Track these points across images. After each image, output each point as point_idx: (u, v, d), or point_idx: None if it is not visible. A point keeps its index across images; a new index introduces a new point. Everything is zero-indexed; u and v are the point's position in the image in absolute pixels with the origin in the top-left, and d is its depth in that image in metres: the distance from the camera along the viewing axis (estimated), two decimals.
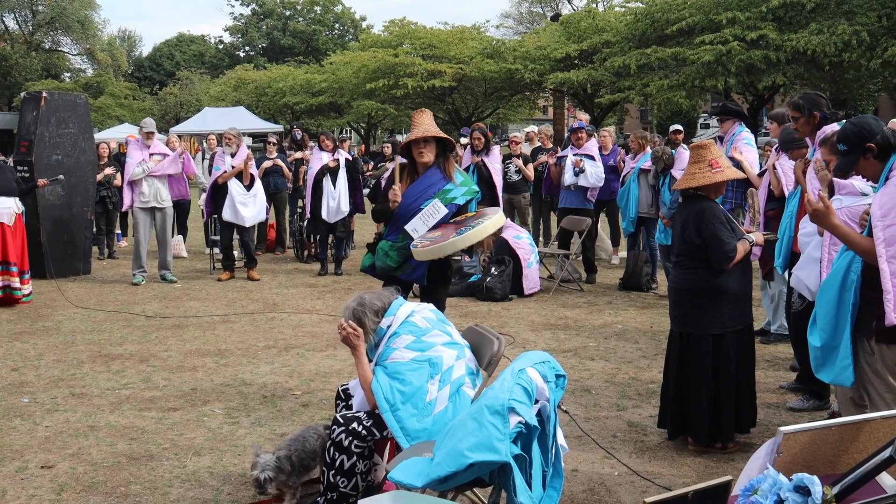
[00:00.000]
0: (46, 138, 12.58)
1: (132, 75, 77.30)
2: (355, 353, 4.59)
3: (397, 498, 3.43)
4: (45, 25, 71.03)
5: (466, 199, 6.04)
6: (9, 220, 10.52)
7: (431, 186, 6.02)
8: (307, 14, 75.06)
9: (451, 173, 6.06)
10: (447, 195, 5.98)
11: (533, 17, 70.48)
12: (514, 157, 13.43)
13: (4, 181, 10.61)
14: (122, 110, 57.78)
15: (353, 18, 76.38)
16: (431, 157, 6.08)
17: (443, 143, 6.12)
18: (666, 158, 10.75)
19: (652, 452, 5.69)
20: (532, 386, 3.77)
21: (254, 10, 76.18)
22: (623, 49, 30.75)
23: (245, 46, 77.94)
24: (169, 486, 5.16)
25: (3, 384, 7.34)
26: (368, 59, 38.92)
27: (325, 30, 74.92)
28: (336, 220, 12.83)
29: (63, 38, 73.61)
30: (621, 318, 9.86)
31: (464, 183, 6.08)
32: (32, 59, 68.42)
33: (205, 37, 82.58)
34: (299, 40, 73.22)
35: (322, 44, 71.30)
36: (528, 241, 11.50)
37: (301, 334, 9.15)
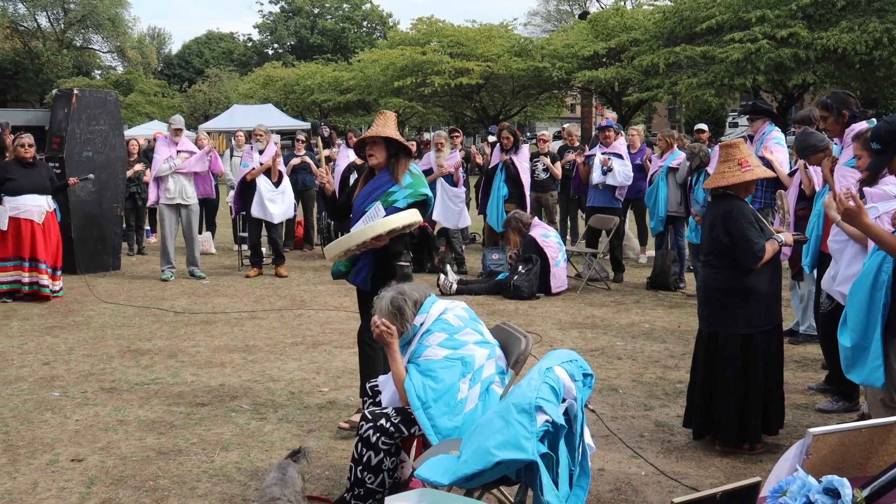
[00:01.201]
0: (77, 135, 12.69)
1: (162, 73, 77.77)
2: (389, 351, 4.60)
3: (424, 495, 3.44)
4: (77, 23, 71.66)
5: (408, 202, 5.76)
6: (38, 218, 10.61)
7: (377, 189, 5.86)
8: (335, 12, 75.25)
9: (398, 176, 5.81)
10: (389, 198, 5.78)
11: (561, 15, 70.31)
12: (541, 156, 13.40)
13: (39, 179, 10.70)
14: (152, 107, 58.14)
15: (381, 16, 76.50)
16: (381, 160, 5.87)
17: (396, 145, 5.88)
18: (702, 156, 10.69)
19: (679, 452, 5.68)
20: (559, 385, 3.77)
21: (283, 7, 76.44)
22: (651, 47, 30.62)
23: (274, 44, 78.23)
24: (197, 481, 5.20)
25: (34, 378, 7.41)
26: (396, 56, 38.95)
27: (354, 27, 75.09)
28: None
29: (94, 36, 74.27)
30: (649, 318, 9.83)
31: (410, 185, 5.82)
32: (64, 57, 69.05)
33: (234, 34, 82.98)
34: (327, 38, 73.42)
35: (350, 41, 71.49)
36: (556, 240, 11.47)
37: (328, 331, 9.18)
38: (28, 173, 10.65)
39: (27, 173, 10.64)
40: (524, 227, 11.39)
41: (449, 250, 12.94)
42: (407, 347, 4.64)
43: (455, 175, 12.82)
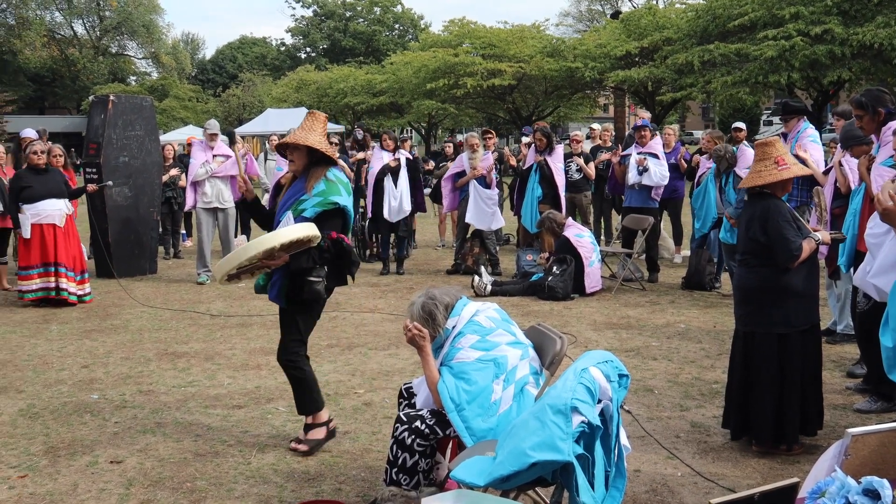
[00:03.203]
0: (114, 140, 12.81)
1: (196, 78, 78.39)
2: (422, 354, 4.60)
3: (460, 497, 3.45)
4: (112, 30, 72.45)
5: (316, 212, 5.43)
6: (60, 222, 10.72)
7: (291, 197, 5.60)
8: (367, 15, 75.51)
9: (309, 184, 5.48)
10: (299, 206, 5.49)
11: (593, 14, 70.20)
12: (574, 156, 13.37)
13: (54, 184, 10.80)
14: (187, 112, 58.64)
15: (413, 18, 76.64)
16: (300, 166, 5.57)
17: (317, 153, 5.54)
18: (728, 157, 10.61)
19: (715, 453, 5.65)
20: (595, 385, 3.76)
21: (315, 11, 76.80)
22: (685, 46, 30.48)
23: (306, 48, 78.62)
24: (234, 483, 5.23)
25: (73, 381, 7.49)
26: (428, 58, 39.00)
27: (385, 30, 75.32)
28: (398, 219, 12.86)
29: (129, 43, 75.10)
30: (684, 318, 9.78)
31: (320, 193, 5.46)
32: (100, 64, 69.82)
33: (267, 39, 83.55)
34: (360, 41, 73.69)
35: (382, 44, 71.71)
36: (590, 240, 11.44)
37: (363, 333, 9.21)
38: (43, 179, 10.75)
39: (42, 179, 10.74)
40: (558, 228, 11.38)
41: (483, 251, 12.94)
42: (440, 350, 4.65)
43: (488, 177, 12.81)
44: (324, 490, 5.08)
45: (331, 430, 5.80)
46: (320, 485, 5.17)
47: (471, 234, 13.12)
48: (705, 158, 11.81)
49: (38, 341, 9.02)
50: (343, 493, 5.04)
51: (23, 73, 67.89)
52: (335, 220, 5.55)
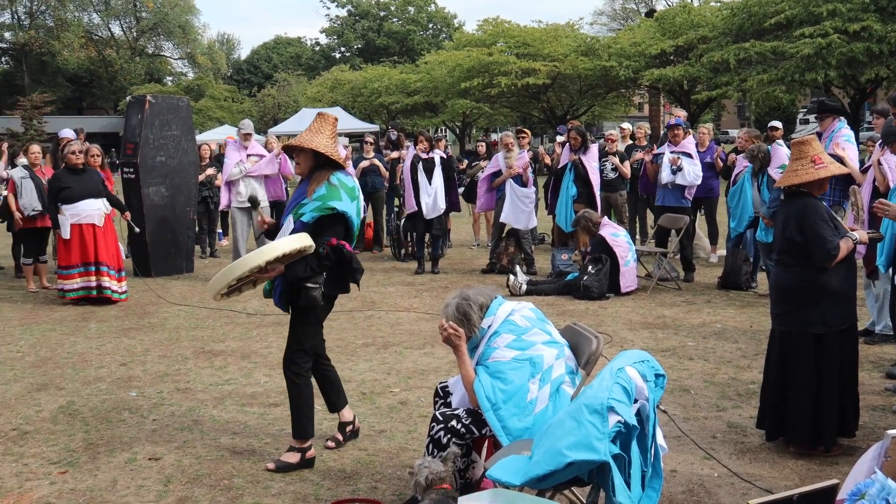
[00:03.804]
0: (151, 140, 12.92)
1: (231, 78, 78.93)
2: (457, 353, 4.61)
3: (497, 496, 3.46)
4: (149, 31, 73.14)
5: (314, 217, 5.27)
6: (99, 221, 10.82)
7: (293, 201, 5.49)
8: (401, 14, 75.64)
9: (310, 188, 5.34)
10: (298, 211, 5.34)
11: (627, 13, 69.94)
12: (609, 155, 13.33)
13: (91, 183, 10.88)
14: (222, 112, 59.04)
15: (447, 17, 76.69)
16: (304, 169, 5.44)
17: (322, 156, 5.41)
18: (762, 157, 10.53)
19: (752, 454, 5.61)
20: (631, 385, 3.76)
21: (349, 11, 77.04)
22: (720, 44, 30.31)
23: (341, 47, 78.88)
24: (270, 480, 5.27)
25: (112, 378, 7.57)
26: (462, 58, 39.06)
27: (420, 29, 75.41)
28: (433, 216, 12.88)
29: (165, 43, 75.83)
30: (720, 318, 9.73)
31: (319, 197, 5.29)
32: (136, 64, 70.48)
33: (301, 39, 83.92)
34: (394, 40, 73.85)
35: (416, 43, 71.83)
36: (626, 240, 11.40)
37: (399, 332, 9.24)
38: (80, 179, 10.83)
39: (80, 179, 10.82)
40: (593, 227, 11.35)
41: (518, 251, 12.93)
42: (475, 350, 4.66)
43: (524, 176, 12.81)
44: (360, 488, 5.11)
45: (306, 458, 5.49)
46: (356, 483, 5.19)
47: (506, 233, 13.12)
48: (742, 157, 11.73)
49: (78, 339, 9.13)
50: (379, 491, 5.06)
51: (61, 74, 68.79)
52: (336, 226, 5.36)
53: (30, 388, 7.32)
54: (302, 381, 5.47)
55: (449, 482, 4.28)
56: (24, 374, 7.79)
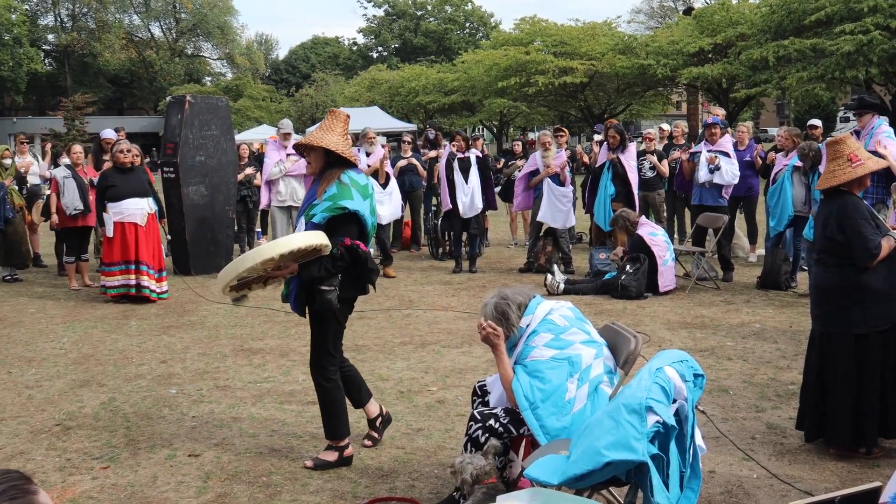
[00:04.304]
0: (190, 140, 13.02)
1: (269, 78, 79.37)
2: (496, 352, 4.61)
3: (535, 495, 3.46)
4: (188, 32, 73.82)
5: (325, 217, 5.17)
6: (141, 221, 10.92)
7: (307, 201, 5.41)
8: (438, 14, 75.68)
9: (321, 188, 5.25)
10: (310, 211, 5.25)
11: (665, 11, 69.55)
12: (647, 154, 13.26)
13: (138, 183, 11.00)
14: (261, 112, 59.39)
15: (483, 16, 76.64)
16: (316, 168, 5.35)
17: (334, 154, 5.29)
18: (813, 155, 10.43)
19: (792, 455, 5.57)
20: (670, 385, 3.74)
21: (386, 11, 77.19)
22: (759, 41, 30.08)
23: (378, 47, 79.05)
24: (308, 478, 5.30)
25: (153, 376, 7.65)
26: (500, 57, 39.05)
27: (457, 29, 75.42)
28: (470, 215, 12.88)
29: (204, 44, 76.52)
30: (759, 318, 9.66)
31: (330, 197, 5.19)
32: (176, 65, 71.12)
33: (339, 39, 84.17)
34: (431, 40, 73.92)
35: (453, 43, 71.87)
36: (664, 239, 11.35)
37: (436, 331, 9.25)
38: (127, 178, 10.95)
39: (126, 178, 10.94)
40: (632, 226, 11.31)
41: (556, 250, 12.91)
42: (513, 349, 4.66)
43: (562, 174, 12.79)
44: (397, 486, 5.13)
45: (344, 457, 5.49)
46: (394, 481, 5.21)
47: (544, 232, 13.10)
48: (781, 156, 11.63)
49: (119, 336, 9.23)
50: (416, 489, 5.07)
51: (102, 75, 69.56)
52: (349, 226, 5.24)
53: (72, 385, 7.41)
54: (331, 385, 5.48)
55: (494, 475, 4.31)
56: (67, 370, 7.89)
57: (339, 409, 5.50)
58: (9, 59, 58.25)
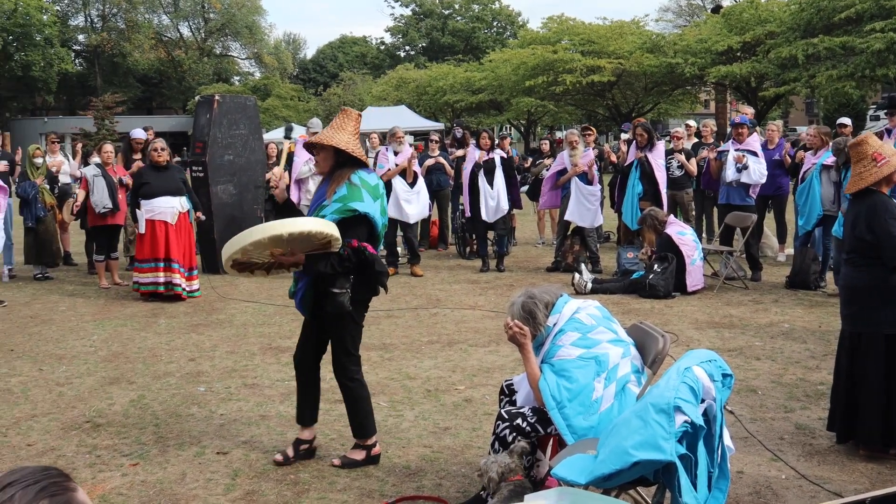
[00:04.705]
0: (219, 139, 13.09)
1: (297, 77, 79.60)
2: (523, 352, 4.61)
3: (563, 494, 3.46)
4: (216, 32, 74.25)
5: (335, 219, 5.08)
6: (171, 219, 10.98)
7: (316, 202, 5.36)
8: (465, 12, 75.66)
9: (330, 188, 5.21)
10: (319, 213, 5.19)
11: (693, 9, 69.25)
12: (675, 153, 13.21)
13: (172, 181, 11.08)
14: (289, 111, 59.59)
15: (511, 15, 76.57)
16: (325, 167, 5.30)
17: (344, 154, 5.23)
18: (847, 150, 10.34)
19: (821, 456, 5.54)
20: (698, 385, 3.73)
21: (413, 10, 77.25)
22: (788, 39, 29.88)
23: (405, 46, 79.12)
24: (336, 476, 5.32)
25: (181, 373, 7.70)
26: (527, 55, 39.02)
27: (484, 27, 75.38)
28: (496, 218, 12.86)
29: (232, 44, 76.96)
30: (788, 317, 9.60)
31: (340, 199, 5.14)
32: (204, 65, 71.56)
33: (366, 38, 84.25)
34: (458, 39, 73.91)
35: (481, 41, 71.83)
36: (692, 238, 11.30)
37: (464, 330, 9.26)
38: (161, 176, 11.03)
39: (160, 176, 11.03)
40: (660, 225, 11.26)
41: (583, 249, 12.89)
42: (540, 348, 4.65)
43: (590, 173, 12.76)
44: (424, 485, 5.14)
45: (372, 455, 5.50)
46: (421, 480, 5.22)
47: (571, 231, 13.08)
48: (810, 154, 11.56)
49: (148, 334, 9.29)
50: (443, 488, 5.08)
51: (132, 75, 70.08)
52: (359, 227, 5.18)
53: (102, 382, 7.47)
54: (355, 384, 5.48)
55: (520, 473, 4.31)
56: (97, 367, 7.96)
57: (366, 407, 5.52)
58: (40, 60, 58.83)
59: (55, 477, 1.77)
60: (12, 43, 58.31)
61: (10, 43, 57.89)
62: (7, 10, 56.62)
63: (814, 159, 11.30)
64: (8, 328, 9.75)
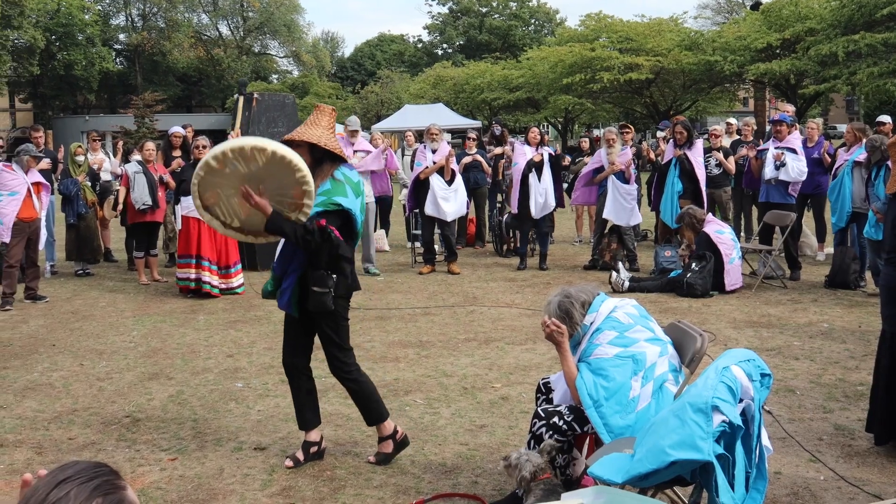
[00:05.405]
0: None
1: (335, 75, 79.92)
2: (560, 350, 4.61)
3: (600, 493, 3.45)
4: (255, 30, 74.75)
5: (317, 211, 5.08)
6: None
7: None
8: (503, 10, 75.59)
9: (315, 184, 5.09)
10: None
11: (732, 6, 68.70)
12: (714, 151, 13.12)
13: None
14: None
15: (549, 13, 76.41)
16: None
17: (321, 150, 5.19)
18: (884, 149, 10.24)
19: (860, 458, 5.48)
20: (737, 384, 3.71)
21: (451, 8, 77.26)
22: (828, 36, 29.61)
23: (443, 44, 79.16)
24: (372, 472, 5.34)
25: (219, 370, 7.77)
26: (565, 53, 38.91)
27: (521, 25, 75.26)
28: (543, 215, 12.83)
29: (271, 42, 77.46)
30: (827, 317, 9.51)
31: (324, 192, 5.14)
32: (243, 63, 72.06)
33: (404, 36, 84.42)
34: (496, 36, 73.84)
35: (518, 39, 71.74)
36: (731, 236, 11.22)
37: (501, 327, 9.26)
38: None
39: None
40: (698, 224, 11.19)
41: (621, 247, 12.85)
42: (577, 347, 4.65)
43: (626, 172, 12.71)
44: (460, 483, 5.14)
45: (399, 441, 5.51)
46: (457, 477, 5.23)
47: (608, 229, 13.04)
48: (843, 150, 11.47)
49: (187, 331, 9.38)
50: (479, 486, 5.09)
51: (171, 74, 70.70)
52: (336, 221, 5.18)
53: (142, 378, 7.55)
54: (355, 376, 5.47)
55: (549, 471, 4.31)
56: (137, 363, 8.04)
57: (373, 395, 5.50)
58: (82, 59, 59.54)
59: (108, 475, 1.79)
60: (55, 42, 59.08)
61: (52, 42, 58.65)
62: (50, 10, 57.37)
63: (846, 155, 11.21)
64: (50, 323, 9.88)
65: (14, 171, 10.84)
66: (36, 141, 13.15)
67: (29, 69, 56.13)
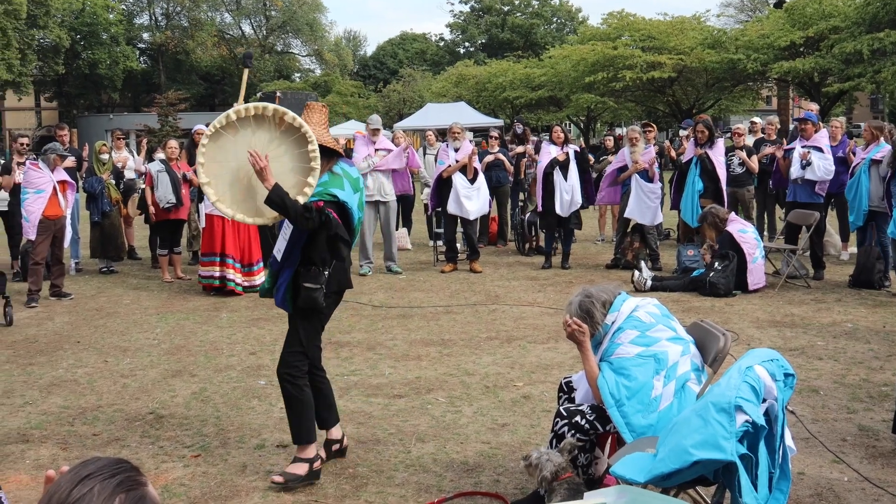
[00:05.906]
0: None
1: (357, 74, 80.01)
2: (581, 349, 4.60)
3: (622, 492, 3.45)
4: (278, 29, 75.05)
5: (313, 201, 5.07)
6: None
7: None
8: (525, 9, 75.52)
9: None
10: None
11: (755, 4, 68.34)
12: (737, 150, 13.06)
13: None
14: (349, 108, 59.88)
15: (571, 11, 76.29)
16: None
17: None
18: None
19: (885, 459, 5.45)
20: (760, 384, 3.69)
21: (473, 6, 77.25)
22: (853, 34, 29.42)
23: (465, 43, 79.18)
24: (394, 471, 5.35)
25: (242, 367, 7.80)
26: (587, 52, 38.85)
27: (544, 24, 75.17)
28: (569, 212, 12.79)
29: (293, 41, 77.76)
30: (851, 317, 9.46)
31: (321, 184, 5.13)
32: (266, 62, 72.35)
33: (426, 35, 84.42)
34: (518, 35, 73.79)
35: (540, 38, 71.68)
36: (754, 236, 11.17)
37: (523, 326, 9.25)
38: None
39: None
40: (720, 223, 11.14)
41: (643, 246, 12.81)
42: (599, 346, 4.64)
43: (650, 170, 12.68)
44: (482, 481, 5.15)
45: (314, 470, 5.22)
46: (479, 476, 5.23)
47: (631, 228, 13.01)
48: (860, 149, 11.40)
49: (210, 328, 9.42)
50: (501, 484, 5.09)
51: (195, 72, 71.09)
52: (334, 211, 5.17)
53: (165, 375, 7.60)
54: (300, 383, 5.30)
55: (570, 470, 4.31)
56: (160, 360, 8.09)
57: (307, 411, 5.32)
58: (106, 58, 59.96)
59: (129, 471, 1.81)
60: (80, 41, 59.54)
61: (77, 42, 59.11)
62: (75, 9, 57.79)
63: (863, 154, 11.14)
64: (75, 320, 9.96)
65: (41, 170, 10.94)
66: (61, 139, 13.25)
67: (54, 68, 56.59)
